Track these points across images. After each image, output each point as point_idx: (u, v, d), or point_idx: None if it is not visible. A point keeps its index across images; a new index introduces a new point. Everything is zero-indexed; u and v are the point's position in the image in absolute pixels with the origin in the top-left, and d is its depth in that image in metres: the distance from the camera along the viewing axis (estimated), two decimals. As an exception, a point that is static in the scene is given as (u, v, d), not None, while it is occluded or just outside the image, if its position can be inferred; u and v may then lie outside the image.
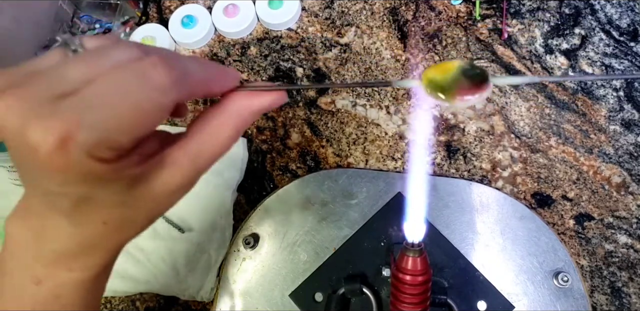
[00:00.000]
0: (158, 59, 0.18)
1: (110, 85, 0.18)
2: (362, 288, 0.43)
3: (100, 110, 0.17)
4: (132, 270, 0.50)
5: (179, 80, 0.19)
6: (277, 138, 0.55)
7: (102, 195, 0.19)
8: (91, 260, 0.22)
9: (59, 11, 0.61)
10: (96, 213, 0.20)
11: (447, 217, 0.47)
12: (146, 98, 0.18)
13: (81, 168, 0.17)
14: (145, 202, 0.20)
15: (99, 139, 0.17)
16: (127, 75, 0.18)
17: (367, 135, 0.54)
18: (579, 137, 0.52)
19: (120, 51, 0.19)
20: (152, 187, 0.20)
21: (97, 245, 0.21)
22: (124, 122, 0.17)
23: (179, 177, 0.21)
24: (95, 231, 0.20)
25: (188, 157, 0.21)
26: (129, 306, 0.51)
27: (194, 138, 0.21)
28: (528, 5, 0.57)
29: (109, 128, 0.17)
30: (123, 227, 0.21)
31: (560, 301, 0.44)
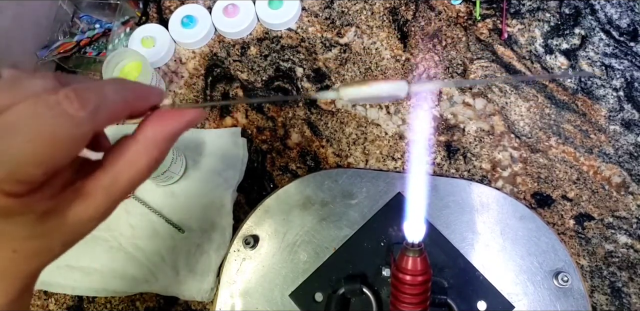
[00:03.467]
0: (72, 91, 0.18)
1: (22, 115, 0.17)
2: (362, 288, 0.43)
3: (9, 142, 0.16)
4: (132, 270, 0.50)
5: (94, 111, 0.18)
6: (277, 138, 0.55)
7: (9, 228, 0.19)
8: (5, 286, 0.21)
9: (59, 11, 0.61)
10: (4, 243, 0.19)
11: (447, 217, 0.47)
12: (60, 131, 0.17)
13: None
14: (58, 232, 0.20)
15: (8, 173, 0.16)
16: (41, 106, 0.17)
17: (367, 135, 0.54)
18: (579, 137, 0.52)
19: (35, 81, 0.19)
20: (64, 219, 0.20)
21: (9, 272, 0.21)
22: (36, 154, 0.17)
23: (92, 208, 0.20)
24: (5, 259, 0.20)
25: (102, 189, 0.20)
26: (129, 306, 0.51)
27: (109, 169, 0.21)
28: (528, 5, 0.57)
29: (19, 160, 0.17)
30: (36, 255, 0.20)
31: (560, 301, 0.44)
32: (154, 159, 0.21)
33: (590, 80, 0.54)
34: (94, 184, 0.20)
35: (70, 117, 0.18)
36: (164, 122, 0.22)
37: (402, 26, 0.58)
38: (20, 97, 0.18)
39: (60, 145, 0.18)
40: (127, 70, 0.57)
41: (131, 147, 0.21)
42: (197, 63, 0.60)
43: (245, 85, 0.58)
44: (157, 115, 0.22)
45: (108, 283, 0.50)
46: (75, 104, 0.18)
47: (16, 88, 0.18)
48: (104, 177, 0.21)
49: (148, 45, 0.59)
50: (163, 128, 0.22)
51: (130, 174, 0.21)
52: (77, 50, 0.60)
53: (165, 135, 0.22)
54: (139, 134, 0.22)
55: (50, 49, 0.59)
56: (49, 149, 0.17)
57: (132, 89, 0.21)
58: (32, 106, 0.17)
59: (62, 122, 0.17)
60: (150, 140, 0.21)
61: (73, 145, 0.18)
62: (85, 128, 0.18)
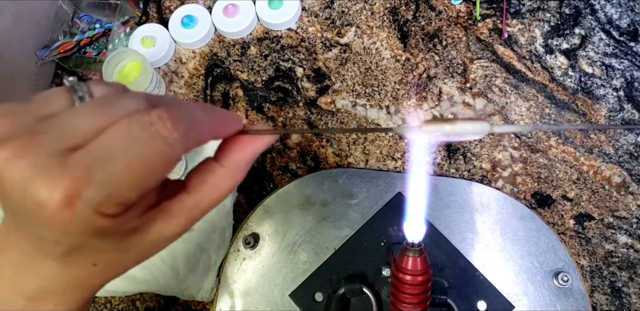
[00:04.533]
0: (165, 112, 0.18)
1: (118, 138, 0.17)
2: (362, 288, 0.43)
3: (108, 165, 0.17)
4: (132, 270, 0.50)
5: (186, 133, 0.19)
6: (277, 138, 0.55)
7: (98, 243, 0.19)
8: (77, 296, 0.22)
9: (59, 11, 0.61)
10: (88, 257, 0.20)
11: (447, 217, 0.47)
12: (154, 152, 0.18)
13: (85, 223, 0.17)
14: (138, 248, 0.21)
15: (106, 196, 0.17)
16: (135, 128, 0.18)
17: (367, 135, 0.54)
18: (579, 137, 0.52)
19: (127, 101, 0.19)
20: (146, 236, 0.20)
21: (84, 284, 0.21)
22: (132, 177, 0.17)
23: (173, 228, 0.21)
24: (84, 272, 0.21)
25: (186, 210, 0.21)
26: (129, 306, 0.51)
27: (193, 193, 0.21)
28: (528, 5, 0.57)
29: (117, 184, 0.17)
30: (112, 268, 0.21)
31: (560, 301, 0.44)
32: (237, 182, 0.23)
33: (590, 80, 0.54)
34: (179, 206, 0.21)
35: (164, 138, 0.18)
36: (245, 146, 0.23)
37: (402, 26, 0.58)
38: (115, 118, 0.18)
39: (154, 167, 0.18)
40: (127, 70, 0.57)
41: (217, 172, 0.22)
42: (197, 63, 0.60)
43: (245, 85, 0.58)
44: (237, 139, 0.23)
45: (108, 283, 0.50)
46: (168, 125, 0.18)
47: (110, 109, 0.18)
48: (188, 199, 0.21)
49: (148, 45, 0.59)
50: (245, 153, 0.23)
51: (214, 197, 0.22)
52: (77, 50, 0.60)
53: (247, 160, 0.23)
54: (223, 159, 0.22)
55: (50, 48, 0.59)
56: (144, 171, 0.18)
57: (217, 114, 0.22)
58: (127, 128, 0.17)
59: (156, 144, 0.18)
60: (235, 164, 0.22)
61: (167, 166, 0.18)
62: (177, 150, 0.18)
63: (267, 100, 0.57)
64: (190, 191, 0.21)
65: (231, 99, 0.58)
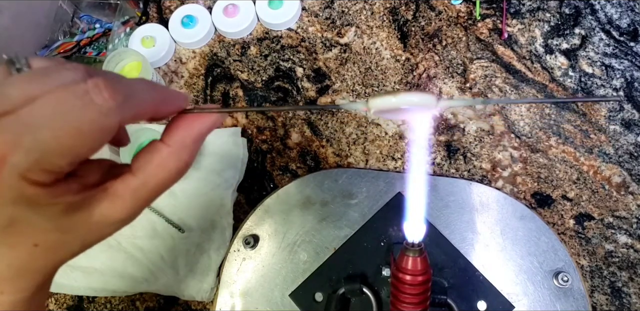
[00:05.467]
0: (102, 81, 0.18)
1: (51, 105, 0.17)
2: (362, 288, 0.43)
3: (37, 131, 0.17)
4: (132, 270, 0.50)
5: (123, 103, 0.18)
6: (277, 138, 0.55)
7: (35, 218, 0.18)
8: (23, 282, 0.21)
9: (59, 11, 0.61)
10: (27, 236, 0.19)
11: (447, 217, 0.47)
12: (87, 120, 0.17)
13: (13, 191, 0.17)
14: (81, 229, 0.20)
15: (34, 161, 0.16)
16: (69, 96, 0.17)
17: (367, 135, 0.54)
18: (579, 137, 0.52)
19: (65, 72, 0.18)
20: (89, 216, 0.20)
21: (28, 267, 0.20)
22: (62, 144, 0.17)
23: (118, 210, 0.20)
24: (25, 253, 0.20)
25: (131, 191, 0.21)
26: (129, 306, 0.51)
27: (138, 173, 0.21)
28: (528, 5, 0.57)
29: (45, 149, 0.17)
30: (56, 250, 0.20)
31: (560, 301, 0.44)
32: (185, 162, 0.22)
33: (590, 80, 0.54)
34: (123, 186, 0.21)
35: (98, 106, 0.18)
36: (191, 125, 0.22)
37: (402, 26, 0.58)
38: (50, 87, 0.18)
39: (87, 135, 0.18)
40: (127, 70, 0.57)
41: (162, 151, 0.21)
42: (197, 63, 0.60)
43: (245, 85, 0.58)
44: (183, 118, 0.22)
45: (108, 282, 0.50)
46: (104, 93, 0.18)
47: (45, 78, 0.18)
48: (133, 179, 0.21)
49: (148, 45, 0.59)
50: (191, 131, 0.22)
51: (160, 178, 0.21)
52: (77, 50, 0.60)
53: (193, 138, 0.22)
54: (168, 138, 0.22)
55: (50, 48, 0.59)
56: (75, 139, 0.17)
57: (159, 91, 0.22)
58: (61, 96, 0.17)
59: (90, 112, 0.17)
60: (180, 143, 0.22)
61: (99, 135, 0.18)
62: (112, 119, 0.18)
63: (267, 100, 0.57)
64: (135, 172, 0.21)
65: (231, 99, 0.58)
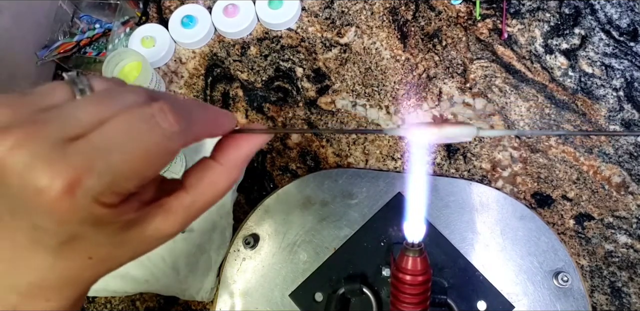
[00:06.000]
0: (166, 105, 0.18)
1: (120, 129, 0.18)
2: (362, 288, 0.43)
3: (108, 155, 0.17)
4: (132, 270, 0.50)
5: (186, 127, 0.19)
6: (277, 138, 0.55)
7: (94, 234, 0.19)
8: (69, 291, 0.22)
9: (59, 11, 0.61)
10: (83, 249, 0.20)
11: (447, 217, 0.47)
12: (155, 144, 0.18)
13: (84, 212, 0.17)
14: (134, 243, 0.21)
15: (106, 185, 0.17)
16: (136, 119, 0.18)
17: (367, 135, 0.54)
18: (579, 137, 0.52)
19: (128, 95, 0.19)
20: (143, 231, 0.20)
21: (77, 278, 0.21)
22: (132, 167, 0.18)
23: (171, 225, 0.21)
24: (78, 265, 0.20)
25: (184, 207, 0.21)
26: (129, 306, 0.51)
27: (190, 190, 0.22)
28: (528, 5, 0.57)
29: (117, 173, 0.17)
30: (107, 263, 0.21)
31: (560, 301, 0.44)
32: (234, 180, 0.23)
33: (590, 80, 0.54)
34: (177, 203, 0.21)
35: (164, 130, 0.18)
36: (241, 145, 0.23)
37: (401, 26, 0.58)
38: (116, 110, 0.18)
39: (153, 159, 0.18)
40: (127, 70, 0.57)
41: (215, 169, 0.22)
42: (197, 63, 0.60)
43: (245, 85, 0.58)
44: (233, 138, 0.23)
45: (108, 283, 0.50)
46: (169, 118, 0.18)
47: (112, 101, 0.18)
48: (186, 196, 0.21)
49: (148, 45, 0.59)
50: (241, 151, 0.23)
51: (211, 195, 0.22)
52: (77, 50, 0.60)
53: (243, 158, 0.23)
54: (220, 157, 0.23)
55: (50, 48, 0.59)
56: (143, 163, 0.18)
57: (212, 112, 0.22)
58: (128, 119, 0.18)
59: (156, 136, 0.18)
60: (232, 162, 0.23)
61: (164, 158, 0.19)
62: (176, 142, 0.19)
63: (267, 100, 0.57)
64: (188, 189, 0.22)
65: (231, 99, 0.58)
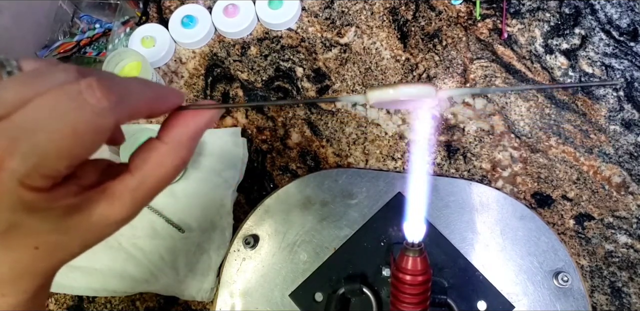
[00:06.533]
0: (95, 81, 0.18)
1: (45, 108, 0.17)
2: (362, 288, 0.43)
3: (33, 135, 0.16)
4: (132, 270, 0.50)
5: (117, 102, 0.18)
6: (277, 138, 0.55)
7: (34, 222, 0.18)
8: (24, 284, 0.21)
9: (59, 11, 0.61)
10: (27, 239, 0.19)
11: (447, 217, 0.47)
12: (83, 121, 0.17)
13: (11, 197, 0.17)
14: (81, 230, 0.20)
15: (32, 167, 0.16)
16: (63, 97, 0.17)
17: (367, 135, 0.54)
18: (579, 137, 0.52)
19: (57, 73, 0.18)
20: (88, 217, 0.20)
21: (29, 270, 0.20)
22: (59, 147, 0.17)
23: (117, 210, 0.20)
24: (26, 255, 0.20)
25: (129, 191, 0.20)
26: (129, 306, 0.51)
27: (135, 172, 0.21)
28: (528, 5, 0.57)
29: (42, 154, 0.16)
30: (56, 252, 0.20)
31: (560, 301, 0.44)
32: (182, 159, 0.22)
33: (590, 80, 0.54)
34: (122, 186, 0.20)
35: (92, 107, 0.17)
36: (187, 121, 0.22)
37: (402, 26, 0.58)
38: (42, 89, 0.17)
39: (83, 137, 0.17)
40: (127, 70, 0.57)
41: (160, 149, 0.21)
42: (197, 63, 0.60)
43: (245, 85, 0.58)
44: (179, 115, 0.22)
45: (108, 283, 0.50)
46: (97, 94, 0.17)
47: (38, 80, 0.18)
48: (131, 179, 0.21)
49: (148, 45, 0.59)
50: (187, 128, 0.22)
51: (158, 176, 0.21)
52: (77, 50, 0.60)
53: (190, 135, 0.22)
54: (165, 136, 0.22)
55: (50, 48, 0.59)
56: (71, 142, 0.17)
57: (154, 88, 0.21)
58: (54, 97, 0.17)
59: (84, 113, 0.17)
60: (177, 140, 0.22)
61: (95, 136, 0.18)
62: (107, 119, 0.18)
63: (267, 100, 0.57)
64: (132, 171, 0.21)
65: (231, 99, 0.58)
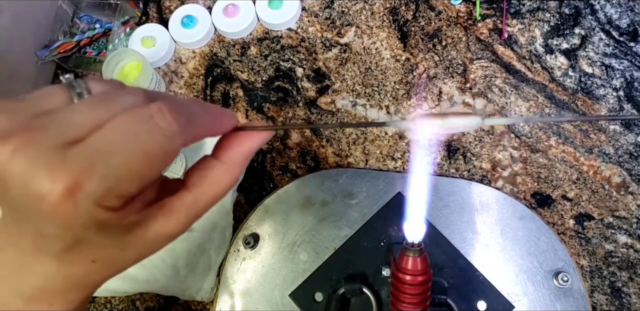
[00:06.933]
0: (165, 105, 0.18)
1: (118, 131, 0.17)
2: (362, 288, 0.43)
3: (109, 158, 0.17)
4: (132, 270, 0.50)
5: (185, 126, 0.19)
6: (277, 138, 0.55)
7: (99, 238, 0.19)
8: (73, 295, 0.21)
9: (59, 11, 0.61)
10: (87, 253, 0.20)
11: (447, 217, 0.47)
12: (154, 145, 0.18)
13: (86, 216, 0.17)
14: (138, 245, 0.20)
15: (107, 188, 0.17)
16: (135, 121, 0.18)
17: (367, 135, 0.54)
18: (579, 137, 0.52)
19: (127, 97, 0.19)
20: (146, 233, 0.20)
21: (82, 282, 0.21)
22: (132, 170, 0.17)
23: (173, 225, 0.21)
24: (83, 269, 0.20)
25: (186, 207, 0.21)
26: (129, 306, 0.51)
27: (192, 189, 0.21)
28: (528, 5, 0.57)
29: (117, 176, 0.17)
30: (112, 265, 0.21)
31: (560, 301, 0.44)
32: (235, 179, 0.23)
33: (590, 80, 0.54)
34: (179, 202, 0.21)
35: (163, 130, 0.18)
36: (242, 142, 0.23)
37: (402, 26, 0.58)
38: (114, 112, 0.18)
39: (154, 160, 0.18)
40: (127, 70, 0.57)
41: (217, 168, 0.22)
42: (197, 63, 0.60)
43: (246, 85, 0.58)
44: (234, 136, 0.23)
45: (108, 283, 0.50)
46: (168, 118, 0.18)
47: (109, 104, 0.18)
48: (188, 196, 0.21)
49: (148, 45, 0.59)
50: (242, 149, 0.23)
51: (213, 194, 0.22)
52: (77, 50, 0.60)
53: (245, 156, 0.23)
54: (221, 155, 0.22)
55: (50, 48, 0.59)
56: (143, 164, 0.18)
57: (213, 110, 0.22)
58: (127, 121, 0.18)
59: (156, 136, 0.18)
60: (233, 160, 0.22)
61: (165, 159, 0.18)
62: (176, 142, 0.19)
63: (267, 100, 0.57)
64: (190, 188, 0.21)
65: (231, 99, 0.58)
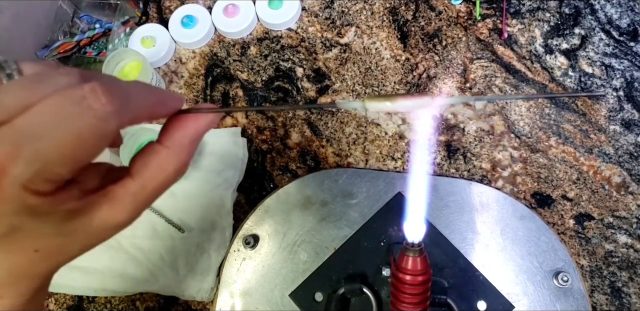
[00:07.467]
0: (98, 85, 0.17)
1: (48, 113, 0.17)
2: (362, 288, 0.43)
3: (36, 140, 0.16)
4: (132, 270, 0.50)
5: (120, 106, 0.18)
6: (277, 138, 0.55)
7: (36, 225, 0.18)
8: (22, 286, 0.21)
9: (59, 11, 0.61)
10: (28, 242, 0.19)
11: (447, 217, 0.47)
12: (86, 127, 0.17)
13: (15, 201, 0.17)
14: (81, 234, 0.20)
15: (35, 172, 0.16)
16: (66, 102, 0.17)
17: (367, 135, 0.54)
18: (579, 137, 0.52)
19: (59, 77, 0.18)
20: (89, 221, 0.20)
21: (28, 272, 0.20)
22: (62, 152, 0.17)
23: (118, 213, 0.20)
24: (25, 258, 0.20)
25: (130, 195, 0.20)
26: (129, 306, 0.51)
27: (136, 176, 0.21)
28: (528, 5, 0.57)
29: (46, 159, 0.16)
30: (56, 255, 0.20)
31: (560, 301, 0.44)
32: (183, 163, 0.22)
33: (590, 80, 0.54)
34: (123, 190, 0.20)
35: (96, 112, 0.17)
36: (187, 125, 0.22)
37: (402, 26, 0.58)
38: (45, 93, 0.17)
39: (86, 142, 0.17)
40: (127, 70, 0.57)
41: (161, 153, 0.21)
42: (197, 63, 0.60)
43: (245, 85, 0.58)
44: (179, 119, 0.22)
45: (108, 283, 0.50)
46: (101, 98, 0.17)
47: (39, 84, 0.17)
48: (132, 183, 0.21)
49: (148, 45, 0.59)
50: (187, 131, 0.22)
51: (159, 180, 0.21)
52: (77, 50, 0.60)
53: (190, 139, 0.22)
54: (165, 140, 0.22)
55: (50, 48, 0.59)
56: (75, 146, 0.17)
57: (155, 92, 0.21)
58: (57, 102, 0.17)
59: (88, 118, 0.17)
60: (178, 144, 0.22)
61: (99, 141, 0.18)
62: (110, 124, 0.18)
63: (267, 100, 0.57)
64: (134, 175, 0.21)
65: (231, 99, 0.58)
